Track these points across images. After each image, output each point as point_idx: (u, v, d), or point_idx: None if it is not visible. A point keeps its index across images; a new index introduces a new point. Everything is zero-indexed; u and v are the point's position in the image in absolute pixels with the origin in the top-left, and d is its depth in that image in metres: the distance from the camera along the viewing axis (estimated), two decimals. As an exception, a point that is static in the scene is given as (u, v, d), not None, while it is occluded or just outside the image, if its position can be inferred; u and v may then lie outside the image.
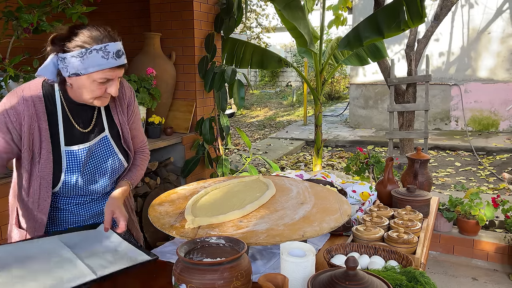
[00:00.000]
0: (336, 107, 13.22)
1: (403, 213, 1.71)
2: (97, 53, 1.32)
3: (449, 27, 8.52)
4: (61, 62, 1.34)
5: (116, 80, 1.40)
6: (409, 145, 5.28)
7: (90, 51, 1.31)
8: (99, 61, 1.32)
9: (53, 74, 1.38)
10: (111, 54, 1.33)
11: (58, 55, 1.34)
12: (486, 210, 3.51)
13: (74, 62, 1.31)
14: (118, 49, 1.36)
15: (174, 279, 1.08)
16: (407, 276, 1.16)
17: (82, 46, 1.31)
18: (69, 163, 1.46)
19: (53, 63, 1.36)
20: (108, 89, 1.39)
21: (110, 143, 1.55)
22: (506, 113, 8.36)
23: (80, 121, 1.49)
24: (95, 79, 1.35)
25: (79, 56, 1.31)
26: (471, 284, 3.22)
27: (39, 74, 1.38)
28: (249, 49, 4.32)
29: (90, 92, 1.38)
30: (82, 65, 1.32)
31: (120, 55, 1.36)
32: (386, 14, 3.57)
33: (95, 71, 1.33)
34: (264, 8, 13.90)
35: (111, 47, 1.34)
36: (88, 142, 1.49)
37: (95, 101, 1.42)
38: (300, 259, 1.13)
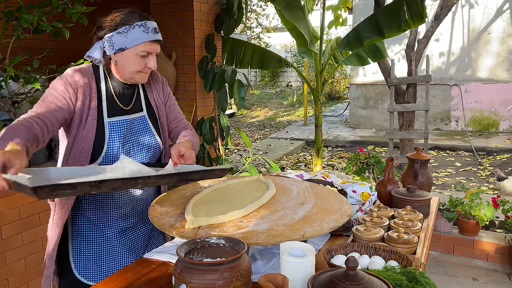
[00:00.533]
0: (336, 107, 13.22)
1: (403, 213, 1.71)
2: (139, 28, 1.52)
3: (449, 27, 8.52)
4: (107, 42, 1.54)
5: (154, 55, 1.58)
6: (409, 145, 5.28)
7: (133, 27, 1.51)
8: (141, 35, 1.52)
9: (100, 55, 1.57)
10: (150, 29, 1.53)
11: (104, 37, 1.54)
12: (486, 210, 3.51)
13: (119, 38, 1.52)
14: (155, 27, 1.56)
15: (174, 279, 1.08)
16: (407, 276, 1.16)
17: (126, 23, 1.52)
18: (111, 133, 1.61)
19: (99, 47, 1.57)
20: (148, 63, 1.57)
21: (147, 123, 1.70)
22: (506, 113, 8.36)
23: (122, 99, 1.65)
24: (137, 53, 1.53)
25: (123, 31, 1.51)
26: (471, 284, 3.22)
27: (88, 55, 1.58)
28: (249, 49, 4.32)
29: (133, 65, 1.55)
30: (127, 39, 1.51)
31: (157, 31, 1.56)
32: (387, 14, 3.57)
33: (138, 43, 1.52)
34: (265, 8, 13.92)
35: (150, 24, 1.54)
36: (127, 115, 1.65)
37: (136, 76, 1.59)
38: (300, 259, 1.13)
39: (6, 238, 2.46)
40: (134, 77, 1.59)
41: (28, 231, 2.59)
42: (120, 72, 1.60)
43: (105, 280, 1.36)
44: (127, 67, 1.57)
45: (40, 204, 2.64)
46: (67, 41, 3.34)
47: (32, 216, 2.60)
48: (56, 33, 2.61)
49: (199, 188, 1.81)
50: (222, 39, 4.00)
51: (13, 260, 2.52)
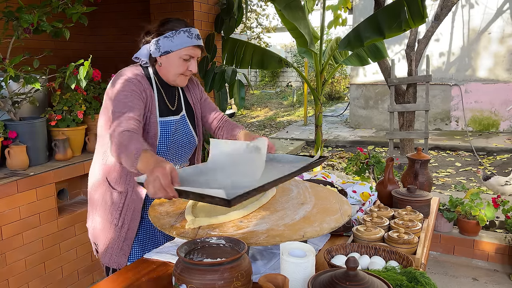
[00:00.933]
0: (336, 107, 13.22)
1: (403, 214, 1.71)
2: (184, 33, 1.65)
3: (449, 27, 8.52)
4: (154, 45, 1.67)
5: (195, 59, 1.70)
6: (410, 145, 5.28)
7: (178, 32, 1.65)
8: (185, 40, 1.65)
9: (146, 57, 1.70)
10: (194, 35, 1.67)
11: (151, 41, 1.67)
12: (486, 210, 3.51)
13: (166, 41, 1.65)
14: (197, 33, 1.70)
15: (174, 279, 1.08)
16: (407, 277, 1.16)
17: (172, 29, 1.65)
18: (162, 133, 1.72)
19: (146, 49, 1.69)
20: (190, 67, 1.70)
21: (186, 121, 1.83)
22: (507, 113, 8.36)
23: (169, 99, 1.77)
24: (181, 56, 1.66)
25: (170, 36, 1.64)
26: (471, 284, 3.22)
27: (136, 56, 1.71)
28: (250, 49, 4.32)
29: (176, 68, 1.68)
30: (172, 43, 1.64)
31: (199, 38, 1.70)
32: (387, 14, 3.57)
33: (182, 47, 1.65)
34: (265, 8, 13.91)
35: (193, 30, 1.68)
36: (174, 116, 1.77)
37: (178, 79, 1.71)
38: (300, 259, 1.13)
39: (6, 238, 2.46)
40: (176, 79, 1.72)
41: (28, 231, 2.59)
42: (165, 73, 1.72)
43: (106, 280, 1.36)
44: (171, 69, 1.69)
45: (40, 204, 2.64)
46: (67, 41, 3.34)
47: (32, 216, 2.60)
48: (56, 33, 2.61)
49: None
50: (222, 39, 4.00)
51: (13, 260, 2.52)
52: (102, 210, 1.75)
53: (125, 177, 1.71)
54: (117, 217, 1.72)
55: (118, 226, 1.73)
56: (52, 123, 2.86)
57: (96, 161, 1.79)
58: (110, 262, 1.75)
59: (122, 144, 1.41)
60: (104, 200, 1.75)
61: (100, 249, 1.77)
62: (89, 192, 1.83)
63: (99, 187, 1.77)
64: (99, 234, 1.77)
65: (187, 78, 1.75)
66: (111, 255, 1.74)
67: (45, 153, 2.82)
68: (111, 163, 1.72)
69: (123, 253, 1.74)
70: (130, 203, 1.72)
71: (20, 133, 2.64)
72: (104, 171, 1.74)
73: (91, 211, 1.82)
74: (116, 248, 1.74)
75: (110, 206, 1.73)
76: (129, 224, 1.73)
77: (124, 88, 1.62)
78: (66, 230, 2.83)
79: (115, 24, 4.33)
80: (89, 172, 1.87)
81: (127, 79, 1.64)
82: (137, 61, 1.74)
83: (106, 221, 1.74)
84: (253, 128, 10.45)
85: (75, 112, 2.93)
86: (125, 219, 1.73)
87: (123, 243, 1.74)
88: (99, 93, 3.20)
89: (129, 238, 1.74)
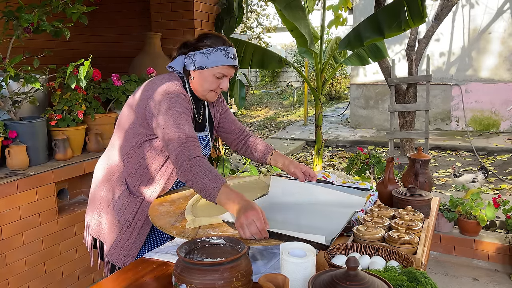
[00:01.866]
0: (336, 107, 13.21)
1: (404, 213, 1.70)
2: (220, 52, 1.65)
3: (450, 27, 8.51)
4: (189, 58, 1.67)
5: (228, 78, 1.70)
6: (410, 145, 5.28)
7: (216, 50, 1.64)
8: (221, 59, 1.65)
9: (180, 68, 1.71)
10: (230, 55, 1.66)
11: (188, 54, 1.67)
12: (487, 210, 3.51)
13: (202, 57, 1.65)
14: (234, 53, 1.69)
15: (174, 279, 1.08)
16: (408, 277, 1.16)
17: (210, 46, 1.65)
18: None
19: (181, 60, 1.70)
20: (221, 85, 1.70)
21: (209, 137, 1.87)
22: (507, 113, 8.35)
23: (197, 112, 1.80)
24: (215, 73, 1.66)
25: (206, 52, 1.64)
26: (472, 284, 3.21)
27: (171, 66, 1.71)
28: (250, 49, 4.32)
29: (209, 84, 1.68)
30: (208, 60, 1.64)
31: (235, 57, 1.69)
32: (387, 14, 3.56)
33: (217, 65, 1.65)
34: (265, 8, 13.91)
35: (231, 50, 1.67)
36: (203, 132, 1.82)
37: (209, 94, 1.72)
38: (300, 259, 1.13)
39: (6, 238, 2.46)
40: (206, 95, 1.72)
41: (28, 231, 2.59)
42: (196, 87, 1.72)
43: (106, 280, 1.36)
44: (203, 85, 1.69)
45: (40, 204, 2.64)
46: (67, 41, 3.34)
47: (32, 216, 2.60)
48: (56, 33, 2.61)
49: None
50: (223, 39, 3.99)
51: (13, 260, 2.52)
52: (114, 209, 1.74)
53: (146, 182, 1.71)
54: (129, 220, 1.72)
55: (129, 229, 1.73)
56: (52, 122, 2.86)
57: (111, 159, 1.77)
58: (117, 261, 1.75)
59: (198, 171, 1.43)
60: (115, 200, 1.74)
61: (108, 247, 1.77)
62: (95, 188, 1.82)
63: (110, 184, 1.76)
64: (108, 232, 1.77)
65: (217, 95, 1.76)
66: (119, 255, 1.75)
67: (45, 153, 2.81)
68: (133, 167, 1.71)
69: (131, 254, 1.75)
70: (144, 209, 1.72)
71: (20, 133, 2.63)
72: (120, 171, 1.73)
73: (98, 207, 1.80)
74: (125, 249, 1.74)
75: (124, 207, 1.72)
76: (141, 228, 1.74)
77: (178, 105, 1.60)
78: (66, 230, 2.83)
79: (115, 24, 4.33)
80: (96, 167, 1.86)
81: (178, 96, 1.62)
82: (171, 70, 1.74)
83: (117, 222, 1.74)
84: (254, 128, 10.45)
85: (75, 112, 2.93)
86: (137, 223, 1.73)
87: (132, 245, 1.74)
88: (99, 93, 3.20)
89: (139, 240, 1.75)
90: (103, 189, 1.78)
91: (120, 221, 1.73)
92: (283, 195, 1.67)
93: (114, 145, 1.78)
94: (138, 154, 1.70)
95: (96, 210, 1.81)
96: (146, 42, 3.65)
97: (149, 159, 1.69)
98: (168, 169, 1.71)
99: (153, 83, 1.68)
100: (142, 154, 1.69)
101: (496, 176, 5.88)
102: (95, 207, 1.82)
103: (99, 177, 1.82)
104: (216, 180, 1.39)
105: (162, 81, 1.67)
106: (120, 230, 1.74)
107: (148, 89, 1.67)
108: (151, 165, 1.70)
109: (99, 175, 1.83)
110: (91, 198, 1.85)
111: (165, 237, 1.84)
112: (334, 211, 1.53)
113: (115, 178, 1.74)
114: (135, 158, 1.70)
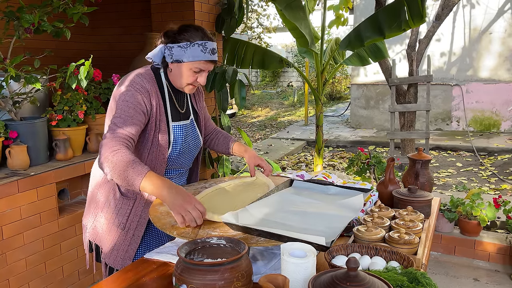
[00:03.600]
0: (337, 107, 13.21)
1: (404, 214, 1.70)
2: (198, 47, 1.62)
3: (450, 27, 8.50)
4: (168, 50, 1.65)
5: (206, 72, 1.69)
6: (411, 146, 5.27)
7: (193, 44, 1.62)
8: (198, 54, 1.63)
9: (159, 59, 1.69)
10: (208, 50, 1.64)
11: (167, 45, 1.65)
12: (487, 210, 3.50)
13: (179, 51, 1.63)
14: (213, 48, 1.66)
15: (174, 279, 1.08)
16: (408, 277, 1.16)
17: (188, 40, 1.63)
18: (175, 137, 1.75)
19: (161, 51, 1.67)
20: (199, 79, 1.69)
21: (194, 125, 1.86)
22: (508, 114, 8.34)
23: (178, 102, 1.79)
24: (191, 68, 1.65)
25: (184, 47, 1.62)
26: (472, 285, 3.21)
27: (149, 57, 1.68)
28: (250, 49, 4.32)
29: (186, 77, 1.67)
30: (184, 54, 1.63)
31: (214, 52, 1.67)
32: (387, 14, 3.56)
33: (194, 60, 1.63)
34: (265, 9, 13.89)
35: (209, 45, 1.65)
36: (185, 120, 1.80)
37: (186, 87, 1.71)
38: (300, 259, 1.13)
39: (6, 238, 2.46)
40: (184, 87, 1.72)
41: (29, 231, 2.59)
42: (174, 80, 1.72)
43: (106, 280, 1.36)
44: (180, 77, 1.69)
45: (41, 204, 2.64)
46: (68, 41, 3.34)
47: (32, 216, 2.60)
48: (57, 33, 2.61)
49: (200, 188, 1.80)
50: (223, 39, 4.00)
51: (14, 260, 2.52)
52: (107, 212, 1.75)
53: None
54: (123, 221, 1.72)
55: (124, 231, 1.73)
56: (53, 123, 2.86)
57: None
58: (115, 263, 1.75)
59: (119, 163, 1.43)
60: (109, 202, 1.74)
61: (105, 250, 1.77)
62: (92, 191, 1.82)
63: (105, 187, 1.76)
64: (103, 235, 1.77)
65: (195, 88, 1.75)
66: (116, 257, 1.75)
67: (45, 153, 2.82)
68: None
69: (128, 256, 1.75)
70: (137, 210, 1.73)
71: (20, 133, 2.64)
72: None
73: (93, 210, 1.80)
74: (121, 250, 1.74)
75: (117, 210, 1.73)
76: (135, 230, 1.74)
77: (128, 98, 1.61)
78: (66, 230, 2.83)
79: (116, 24, 4.33)
80: (93, 169, 1.86)
81: (132, 84, 1.63)
82: (150, 60, 1.73)
83: (112, 224, 1.74)
84: (254, 128, 10.45)
85: (75, 112, 2.93)
86: (131, 224, 1.73)
87: (129, 246, 1.74)
88: (100, 93, 3.20)
89: (135, 242, 1.75)
90: (98, 191, 1.79)
91: (114, 223, 1.73)
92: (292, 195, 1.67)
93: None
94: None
95: (91, 213, 1.82)
96: (147, 42, 3.65)
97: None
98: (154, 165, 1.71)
99: (120, 80, 1.72)
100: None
101: (497, 176, 5.88)
102: (90, 210, 1.83)
103: (94, 180, 1.83)
104: (137, 171, 1.42)
105: (126, 76, 1.70)
106: (115, 232, 1.74)
107: (115, 87, 1.72)
108: None
109: (93, 178, 1.84)
110: (88, 201, 1.86)
111: (163, 237, 1.84)
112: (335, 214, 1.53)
113: (106, 180, 1.74)
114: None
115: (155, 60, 1.69)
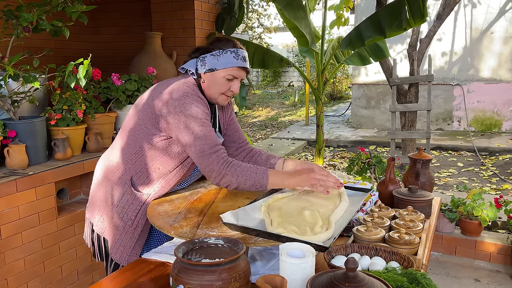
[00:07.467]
0: (338, 107, 13.19)
1: (404, 214, 1.69)
2: (230, 54, 1.66)
3: (451, 27, 8.49)
4: (200, 61, 1.69)
5: (239, 80, 1.71)
6: (411, 145, 5.26)
7: (225, 52, 1.66)
8: (231, 60, 1.66)
9: (193, 70, 1.72)
10: (240, 57, 1.68)
11: (199, 57, 1.69)
12: (488, 210, 3.49)
13: (212, 59, 1.67)
14: (245, 55, 1.70)
15: (171, 280, 1.07)
16: (408, 278, 1.15)
17: (220, 48, 1.67)
18: None
19: (193, 63, 1.72)
20: (232, 87, 1.70)
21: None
22: (509, 113, 8.32)
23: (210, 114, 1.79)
24: (225, 75, 1.67)
25: (216, 54, 1.66)
26: (473, 285, 3.20)
27: (184, 67, 1.73)
28: (251, 49, 4.30)
29: (219, 86, 1.69)
30: (217, 62, 1.66)
31: (246, 60, 1.71)
32: (388, 14, 3.55)
33: (227, 67, 1.66)
34: (266, 8, 13.88)
35: (241, 52, 1.69)
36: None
37: (219, 98, 1.72)
38: (299, 260, 1.11)
39: (5, 237, 2.46)
40: (217, 98, 1.72)
41: (27, 230, 2.58)
42: (207, 91, 1.72)
43: (104, 280, 1.35)
44: (213, 87, 1.69)
45: (39, 204, 2.63)
46: (67, 40, 3.34)
47: (31, 216, 2.59)
48: (56, 32, 2.60)
49: (199, 188, 1.79)
50: (223, 39, 3.98)
51: (12, 260, 2.51)
52: (116, 208, 1.74)
53: (149, 181, 1.72)
54: (132, 218, 1.72)
55: (132, 227, 1.73)
56: (52, 122, 2.85)
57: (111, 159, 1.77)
58: (121, 260, 1.76)
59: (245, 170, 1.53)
60: (118, 199, 1.74)
61: (111, 246, 1.77)
62: (97, 186, 1.81)
63: (110, 183, 1.75)
64: (110, 231, 1.76)
65: (229, 99, 1.76)
66: (122, 253, 1.75)
67: (44, 152, 2.81)
68: (139, 165, 1.71)
69: (135, 253, 1.75)
70: (147, 207, 1.72)
71: (19, 132, 2.63)
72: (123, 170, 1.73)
73: (98, 206, 1.79)
74: (128, 247, 1.74)
75: (127, 206, 1.72)
76: (143, 226, 1.74)
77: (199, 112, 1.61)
78: (65, 230, 2.82)
79: (115, 23, 4.33)
80: (98, 165, 1.86)
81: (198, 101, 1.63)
82: (182, 71, 1.76)
83: (119, 220, 1.73)
84: (255, 128, 10.44)
85: (74, 111, 2.92)
86: (140, 221, 1.73)
87: (136, 243, 1.75)
88: (99, 92, 3.19)
89: (142, 238, 1.75)
90: (104, 188, 1.77)
91: (123, 220, 1.73)
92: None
93: (115, 145, 1.79)
94: (143, 153, 1.70)
95: (98, 209, 1.80)
96: (147, 41, 3.64)
97: (154, 158, 1.70)
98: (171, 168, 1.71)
99: (165, 83, 1.69)
100: (147, 153, 1.69)
101: (498, 176, 5.86)
102: (95, 206, 1.82)
103: (99, 176, 1.82)
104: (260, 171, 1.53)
105: (174, 81, 1.68)
106: (123, 228, 1.73)
107: (159, 88, 1.68)
108: (156, 164, 1.70)
109: (99, 174, 1.83)
110: (91, 196, 1.85)
111: (162, 237, 1.83)
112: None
113: (117, 177, 1.74)
114: (139, 157, 1.71)
115: (190, 69, 1.71)
